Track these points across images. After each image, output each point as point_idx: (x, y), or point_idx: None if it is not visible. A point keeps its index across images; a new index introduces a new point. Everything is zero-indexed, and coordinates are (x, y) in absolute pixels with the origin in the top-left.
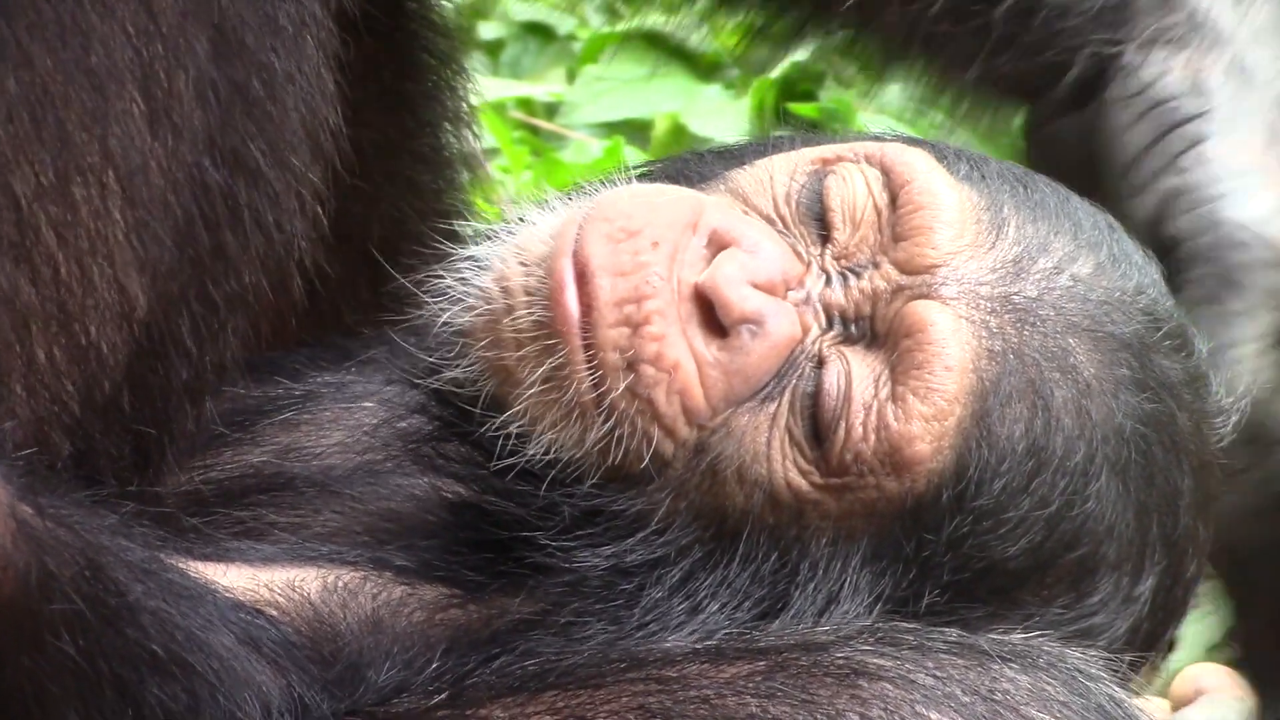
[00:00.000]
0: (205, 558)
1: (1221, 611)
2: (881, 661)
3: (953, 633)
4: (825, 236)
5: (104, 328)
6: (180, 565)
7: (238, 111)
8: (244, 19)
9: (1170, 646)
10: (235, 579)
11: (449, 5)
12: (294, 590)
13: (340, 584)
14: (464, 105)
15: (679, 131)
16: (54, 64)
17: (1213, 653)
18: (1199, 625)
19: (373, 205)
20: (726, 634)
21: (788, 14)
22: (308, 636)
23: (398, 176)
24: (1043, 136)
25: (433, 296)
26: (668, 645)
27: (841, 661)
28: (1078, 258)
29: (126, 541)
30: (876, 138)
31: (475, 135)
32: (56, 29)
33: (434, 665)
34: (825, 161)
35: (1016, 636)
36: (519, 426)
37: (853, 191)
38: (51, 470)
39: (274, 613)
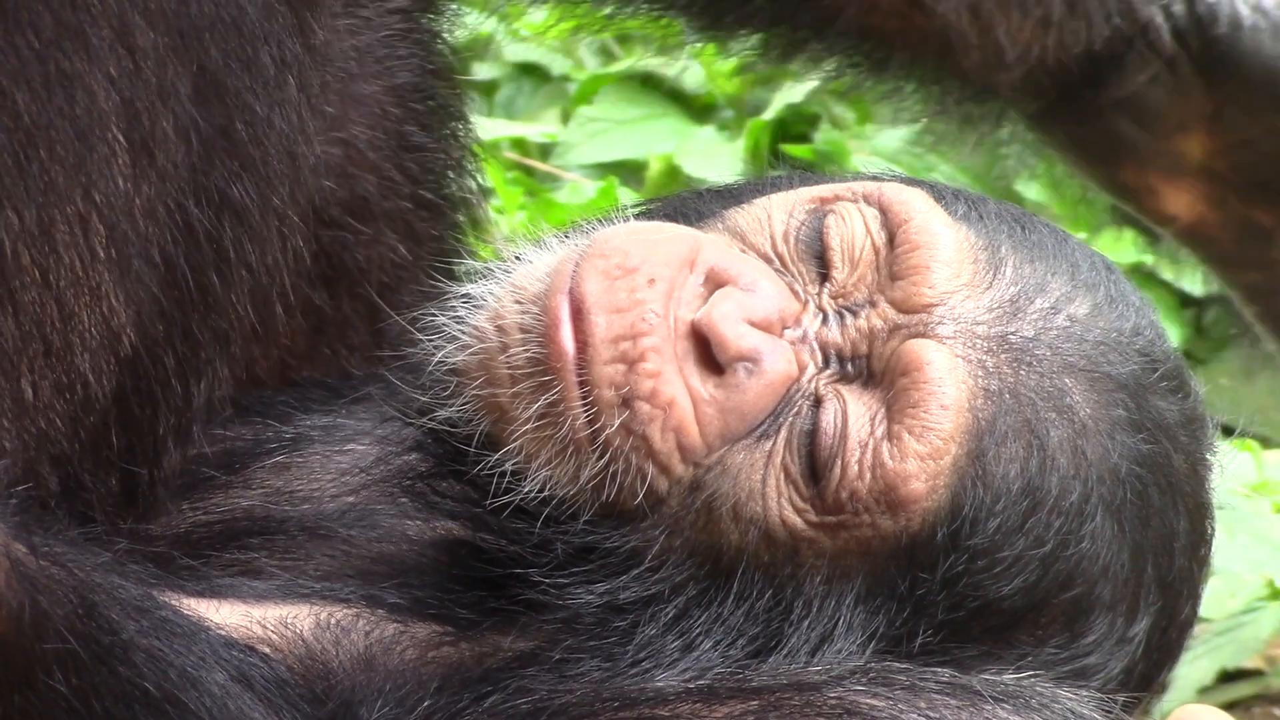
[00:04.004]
0: (198, 594)
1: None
2: (874, 702)
3: (945, 673)
4: (823, 275)
5: (90, 366)
6: (173, 602)
7: (220, 152)
8: (226, 61)
9: (1163, 688)
10: (228, 615)
11: (450, 52)
12: (286, 627)
13: (333, 621)
14: (467, 154)
15: (673, 172)
16: (38, 109)
17: (1204, 694)
18: (1190, 667)
19: (373, 249)
20: (720, 672)
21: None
22: (300, 674)
23: (397, 221)
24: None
25: (427, 335)
26: (660, 684)
27: (834, 701)
28: (1075, 298)
29: (119, 579)
30: (874, 177)
31: (478, 185)
32: (40, 76)
33: (426, 703)
34: (823, 200)
35: (1009, 677)
36: (513, 464)
37: (851, 230)
38: (44, 508)
39: (266, 650)
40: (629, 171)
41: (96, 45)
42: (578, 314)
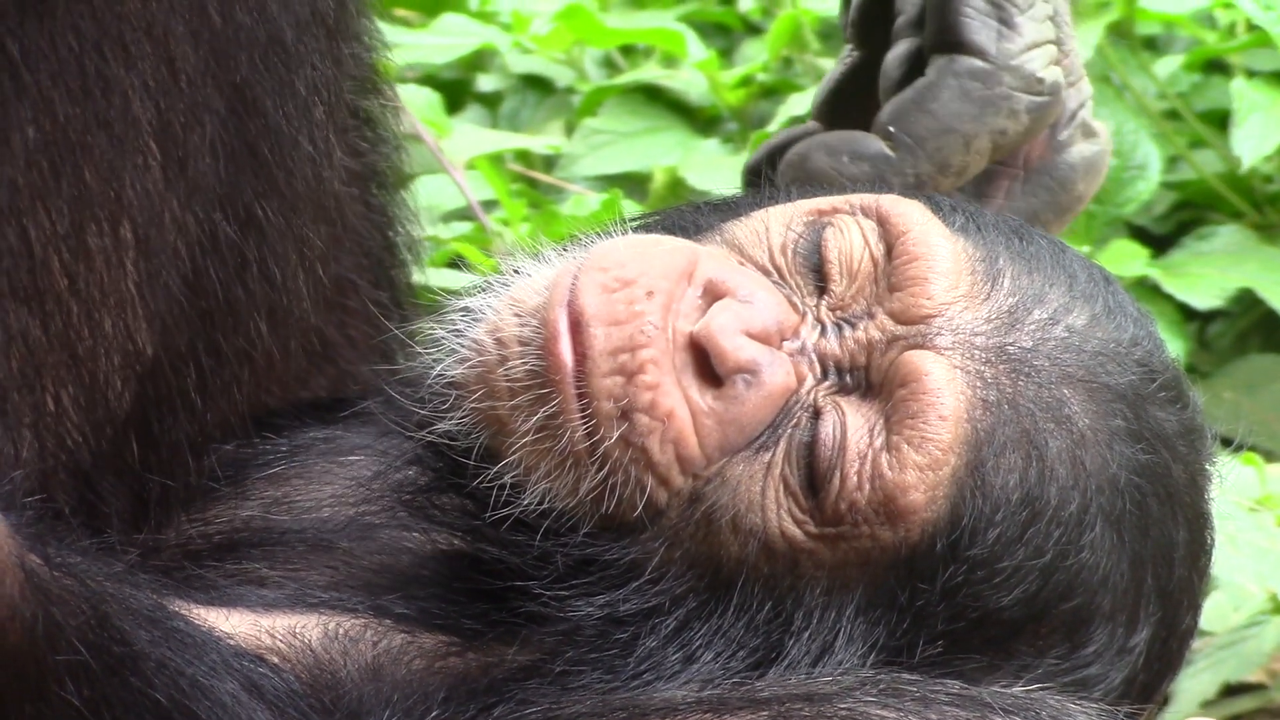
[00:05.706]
0: (207, 603)
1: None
2: (884, 713)
3: (955, 685)
4: (821, 287)
5: (112, 376)
6: (183, 611)
7: (248, 171)
8: (260, 80)
9: (1165, 700)
10: (237, 624)
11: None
12: (295, 637)
13: (341, 631)
14: (372, 71)
15: (677, 185)
16: (74, 113)
17: (1206, 708)
18: (1193, 680)
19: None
20: (722, 683)
21: None
22: (308, 684)
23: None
24: None
25: (426, 348)
26: (670, 694)
27: (845, 713)
28: (1073, 309)
29: (131, 589)
30: (872, 190)
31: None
32: (78, 78)
33: (434, 714)
34: (821, 213)
35: (1018, 689)
36: (513, 476)
37: (849, 242)
38: (58, 518)
39: (275, 659)
40: (633, 184)
41: (135, 53)
42: (576, 326)
